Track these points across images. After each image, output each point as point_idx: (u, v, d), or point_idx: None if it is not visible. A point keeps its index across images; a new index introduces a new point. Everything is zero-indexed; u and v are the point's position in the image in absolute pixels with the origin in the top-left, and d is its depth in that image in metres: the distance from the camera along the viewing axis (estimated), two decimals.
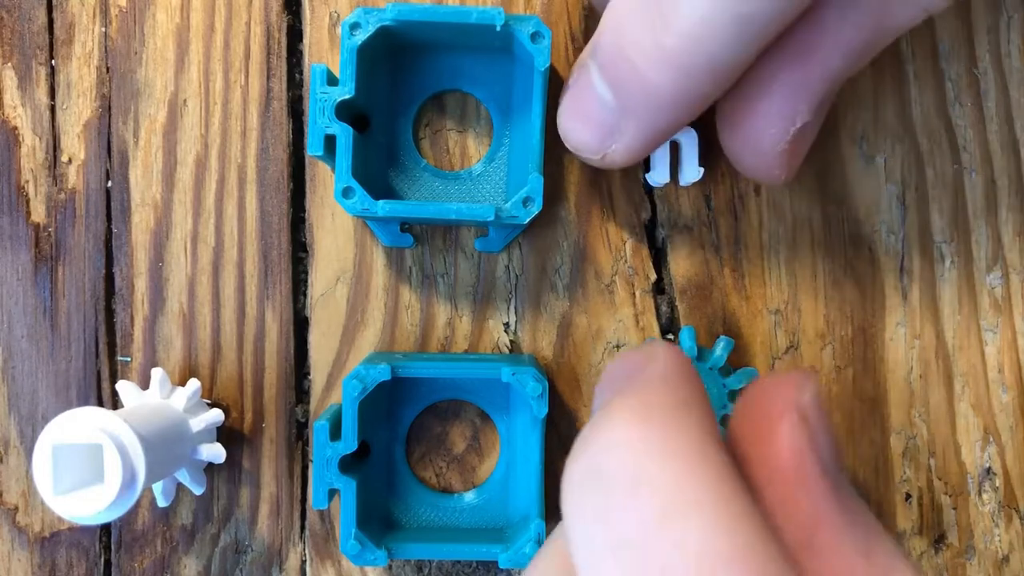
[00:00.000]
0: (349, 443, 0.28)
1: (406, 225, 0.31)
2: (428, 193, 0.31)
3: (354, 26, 0.28)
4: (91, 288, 0.31)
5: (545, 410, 0.28)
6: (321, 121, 0.28)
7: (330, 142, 0.28)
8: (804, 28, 0.23)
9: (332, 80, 0.28)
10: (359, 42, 0.28)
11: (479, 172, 0.31)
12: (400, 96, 0.31)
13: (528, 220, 0.28)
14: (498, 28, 0.27)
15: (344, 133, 0.27)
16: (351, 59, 0.28)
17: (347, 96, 0.28)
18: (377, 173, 0.31)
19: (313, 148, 0.28)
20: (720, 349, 0.30)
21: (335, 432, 0.28)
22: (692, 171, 0.29)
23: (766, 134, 0.24)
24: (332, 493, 0.28)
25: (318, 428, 0.28)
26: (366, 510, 0.29)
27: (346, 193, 0.28)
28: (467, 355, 0.31)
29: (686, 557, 0.14)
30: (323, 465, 0.28)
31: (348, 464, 0.28)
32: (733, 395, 0.30)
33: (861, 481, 0.32)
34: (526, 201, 0.28)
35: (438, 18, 0.28)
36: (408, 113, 0.31)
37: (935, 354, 0.32)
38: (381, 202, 0.27)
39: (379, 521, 0.30)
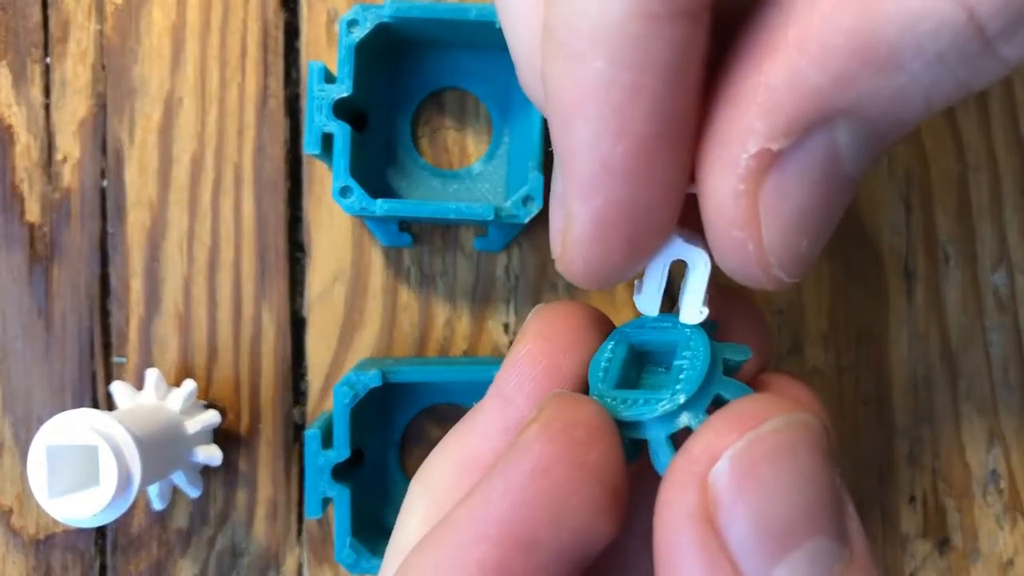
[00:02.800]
0: (341, 451, 0.27)
1: (404, 224, 0.31)
2: (427, 192, 0.31)
3: (352, 23, 0.27)
4: (86, 288, 0.31)
5: None
6: (318, 119, 0.27)
7: (327, 140, 0.27)
8: (768, 10, 0.16)
9: (329, 78, 0.28)
10: (357, 39, 0.27)
11: (478, 171, 0.31)
12: (398, 94, 0.31)
13: (528, 219, 0.28)
14: (497, 25, 0.27)
15: (342, 131, 0.27)
16: (349, 56, 0.27)
17: (345, 94, 0.27)
18: (375, 172, 0.30)
19: (310, 147, 0.27)
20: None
21: (327, 440, 0.28)
22: (692, 307, 0.19)
23: (713, 163, 0.16)
24: (326, 502, 0.28)
25: (309, 436, 0.27)
26: (361, 518, 0.28)
27: (344, 192, 0.27)
28: (459, 358, 0.31)
29: None
30: (316, 474, 0.27)
31: (341, 472, 0.28)
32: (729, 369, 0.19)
33: (864, 484, 0.31)
34: (526, 200, 0.28)
35: (437, 15, 0.27)
36: (406, 111, 0.31)
37: (939, 355, 0.31)
38: (379, 201, 0.27)
39: (375, 528, 0.30)
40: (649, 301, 0.19)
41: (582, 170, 0.16)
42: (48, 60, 0.31)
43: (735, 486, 0.14)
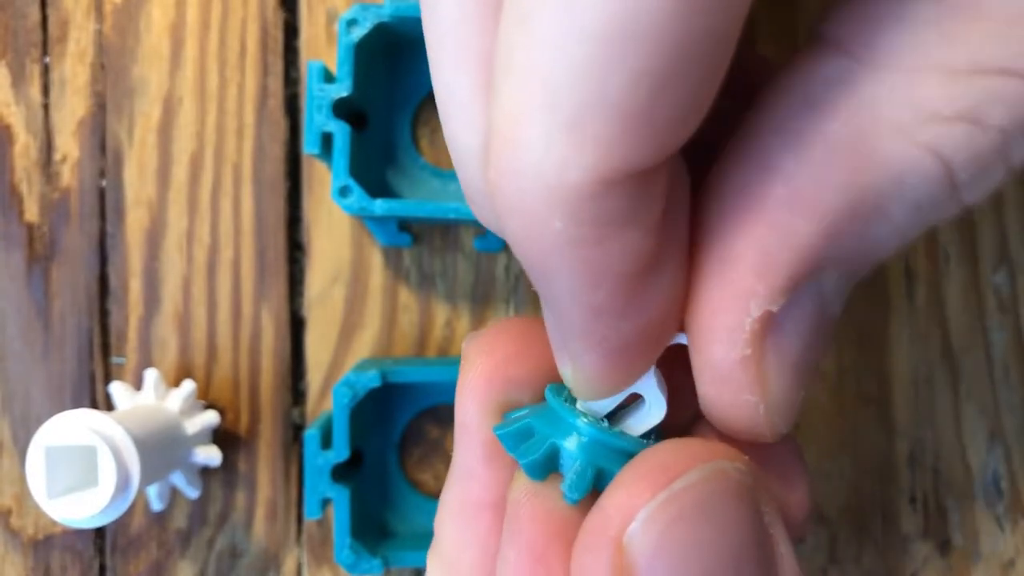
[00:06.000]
0: (341, 452, 0.27)
1: (404, 224, 0.31)
2: (426, 192, 0.31)
3: (351, 22, 0.27)
4: (85, 288, 0.31)
5: None
6: (318, 119, 0.27)
7: (327, 140, 0.27)
8: (746, 167, 0.16)
9: (329, 77, 0.27)
10: (356, 39, 0.27)
11: None
12: (398, 93, 0.31)
13: None
14: None
15: (341, 131, 0.27)
16: (348, 56, 0.27)
17: (344, 93, 0.27)
18: (375, 171, 0.30)
19: (310, 146, 0.27)
20: None
21: (326, 441, 0.28)
22: (638, 423, 0.18)
23: (714, 332, 0.16)
24: (325, 502, 0.27)
25: (309, 437, 0.27)
26: (361, 519, 0.28)
27: (343, 192, 0.27)
28: (459, 359, 0.31)
29: None
30: (315, 474, 0.27)
31: (341, 473, 0.28)
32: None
33: (865, 484, 0.31)
34: None
35: None
36: (406, 110, 0.31)
37: (940, 355, 0.31)
38: (379, 201, 0.27)
39: (375, 529, 0.30)
40: (595, 404, 0.18)
41: (571, 316, 0.15)
42: (47, 59, 0.31)
43: (651, 550, 0.14)
